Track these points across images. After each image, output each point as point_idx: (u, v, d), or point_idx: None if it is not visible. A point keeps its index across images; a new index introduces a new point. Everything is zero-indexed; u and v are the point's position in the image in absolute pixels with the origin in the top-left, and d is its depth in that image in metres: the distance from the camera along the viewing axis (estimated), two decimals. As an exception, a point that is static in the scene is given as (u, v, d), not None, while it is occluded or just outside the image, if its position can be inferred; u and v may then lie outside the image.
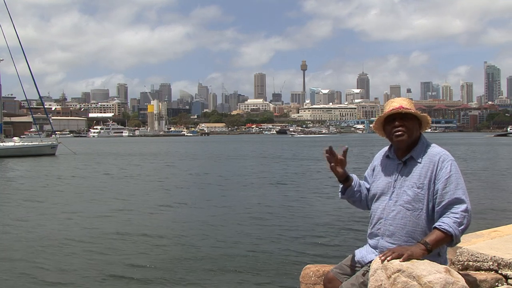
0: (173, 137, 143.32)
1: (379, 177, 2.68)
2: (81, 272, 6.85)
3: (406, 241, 2.47)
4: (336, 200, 13.52)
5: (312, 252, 7.75)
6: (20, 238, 9.01)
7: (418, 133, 2.58)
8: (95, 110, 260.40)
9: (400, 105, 2.55)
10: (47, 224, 10.46)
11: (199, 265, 7.15)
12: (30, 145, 41.41)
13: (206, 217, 11.26)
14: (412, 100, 2.71)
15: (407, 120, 2.53)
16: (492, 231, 3.60)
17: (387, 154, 2.70)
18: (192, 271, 6.88)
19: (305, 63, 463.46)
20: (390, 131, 2.58)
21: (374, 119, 2.70)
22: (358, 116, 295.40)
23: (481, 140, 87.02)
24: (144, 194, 15.88)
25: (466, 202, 2.39)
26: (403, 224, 2.49)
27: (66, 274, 6.81)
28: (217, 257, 7.54)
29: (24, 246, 8.34)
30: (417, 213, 2.47)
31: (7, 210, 12.59)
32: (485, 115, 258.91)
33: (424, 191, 2.46)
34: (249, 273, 6.73)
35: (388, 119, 2.59)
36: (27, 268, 7.09)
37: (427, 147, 2.55)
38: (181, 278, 6.58)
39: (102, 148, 61.14)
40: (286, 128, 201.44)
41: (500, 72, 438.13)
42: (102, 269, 6.99)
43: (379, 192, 2.63)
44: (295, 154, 43.21)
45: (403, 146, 2.56)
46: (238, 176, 22.07)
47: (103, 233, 9.37)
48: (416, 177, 2.49)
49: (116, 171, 24.96)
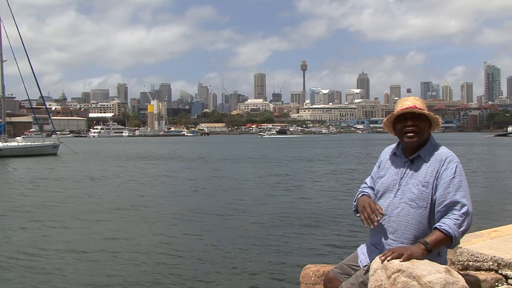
0: (173, 137, 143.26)
1: (385, 174, 2.66)
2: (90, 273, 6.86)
3: (408, 238, 2.47)
4: (336, 200, 13.53)
5: (312, 252, 7.76)
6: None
7: (427, 134, 2.57)
8: (95, 110, 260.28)
9: (414, 104, 2.53)
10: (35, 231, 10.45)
11: (199, 265, 7.16)
12: (33, 145, 41.94)
13: (206, 218, 11.27)
14: (424, 100, 2.67)
15: (420, 121, 2.52)
16: (492, 231, 3.60)
17: (395, 152, 2.68)
18: (192, 271, 6.89)
19: (305, 63, 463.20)
20: (401, 129, 2.56)
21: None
22: (358, 116, 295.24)
23: (481, 140, 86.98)
24: (145, 196, 15.87)
25: (467, 204, 2.39)
26: (407, 222, 2.48)
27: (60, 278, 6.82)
28: (217, 257, 7.55)
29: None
30: (421, 211, 2.46)
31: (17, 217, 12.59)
32: (485, 115, 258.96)
33: (429, 190, 2.46)
34: (249, 273, 6.73)
35: (400, 117, 2.56)
36: (27, 268, 7.10)
37: (435, 148, 2.54)
38: (182, 278, 6.58)
39: (103, 148, 61.11)
40: (286, 128, 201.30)
41: (500, 72, 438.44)
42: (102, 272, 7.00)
43: (384, 189, 2.62)
44: (264, 155, 43.18)
45: (413, 146, 2.55)
46: (235, 177, 22.07)
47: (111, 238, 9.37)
48: (422, 176, 2.49)
49: (120, 174, 24.93)
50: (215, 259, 7.47)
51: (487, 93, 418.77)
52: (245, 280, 6.47)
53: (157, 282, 6.42)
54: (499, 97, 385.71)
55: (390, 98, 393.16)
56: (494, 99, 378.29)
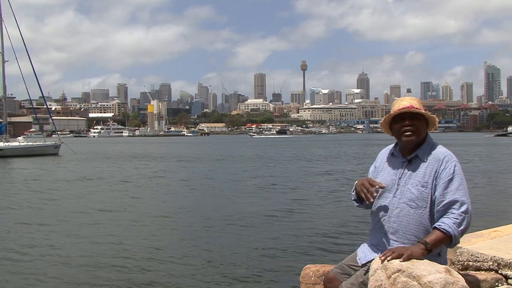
0: (173, 137, 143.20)
1: (383, 174, 2.67)
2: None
3: (409, 239, 2.47)
4: (336, 200, 13.52)
5: (312, 252, 7.75)
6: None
7: (425, 133, 2.58)
8: (95, 110, 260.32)
9: (410, 104, 2.54)
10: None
11: (199, 265, 7.16)
12: (34, 145, 42.11)
13: (206, 218, 11.26)
14: (420, 100, 2.68)
15: (417, 120, 2.53)
16: (492, 231, 3.60)
17: (392, 152, 2.69)
18: (192, 271, 6.89)
19: (305, 63, 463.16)
20: (399, 130, 2.57)
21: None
22: (358, 116, 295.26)
23: (481, 140, 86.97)
24: (138, 198, 15.85)
25: (466, 203, 2.39)
26: (407, 222, 2.48)
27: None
28: (217, 258, 7.54)
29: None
30: (421, 212, 2.46)
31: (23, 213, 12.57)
32: (485, 115, 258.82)
33: (428, 190, 2.46)
34: (250, 273, 6.72)
35: (397, 118, 2.57)
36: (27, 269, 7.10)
37: (432, 147, 2.55)
38: (181, 278, 6.58)
39: (104, 148, 61.09)
40: (286, 128, 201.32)
41: (500, 72, 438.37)
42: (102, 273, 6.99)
43: (383, 189, 2.61)
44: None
45: (410, 145, 2.56)
46: (233, 177, 22.06)
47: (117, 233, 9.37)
48: (421, 176, 2.49)
49: (117, 175, 24.93)
50: (214, 259, 7.46)
51: (487, 93, 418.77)
52: (245, 280, 6.46)
53: (157, 280, 6.42)
54: (499, 97, 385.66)
55: (390, 98, 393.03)
56: (494, 99, 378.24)
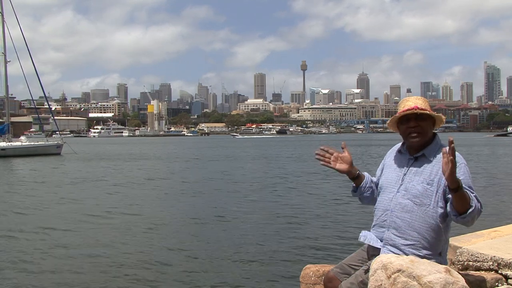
0: (173, 137, 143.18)
1: (389, 170, 2.68)
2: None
3: (411, 235, 2.47)
4: (336, 200, 13.52)
5: (312, 252, 7.76)
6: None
7: (431, 132, 2.57)
8: (95, 110, 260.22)
9: (415, 105, 2.53)
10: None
11: (199, 266, 7.17)
12: (37, 144, 42.25)
13: (206, 219, 11.26)
14: (427, 99, 2.66)
15: (422, 121, 2.51)
16: (492, 231, 3.59)
17: (400, 149, 2.70)
18: (192, 271, 6.89)
19: (305, 63, 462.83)
20: (405, 131, 2.57)
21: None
22: (358, 116, 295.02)
23: (481, 140, 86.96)
24: (146, 198, 15.87)
25: (476, 196, 2.34)
26: (410, 218, 2.48)
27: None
28: (217, 258, 7.55)
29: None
30: (424, 209, 2.46)
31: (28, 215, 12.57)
32: (485, 115, 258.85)
33: (434, 187, 2.46)
34: (250, 273, 6.73)
35: (403, 118, 2.57)
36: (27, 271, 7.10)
37: (440, 148, 2.52)
38: (182, 278, 6.58)
39: (103, 148, 61.11)
40: (286, 128, 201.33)
41: (500, 72, 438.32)
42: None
43: (387, 184, 2.63)
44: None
45: (417, 146, 2.56)
46: (231, 177, 22.06)
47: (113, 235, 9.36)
48: (427, 174, 2.49)
49: (116, 175, 24.93)
50: (214, 259, 7.46)
51: (487, 93, 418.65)
52: (245, 280, 6.47)
53: (156, 280, 6.42)
54: (499, 97, 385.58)
55: (390, 98, 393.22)
56: (494, 99, 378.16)
